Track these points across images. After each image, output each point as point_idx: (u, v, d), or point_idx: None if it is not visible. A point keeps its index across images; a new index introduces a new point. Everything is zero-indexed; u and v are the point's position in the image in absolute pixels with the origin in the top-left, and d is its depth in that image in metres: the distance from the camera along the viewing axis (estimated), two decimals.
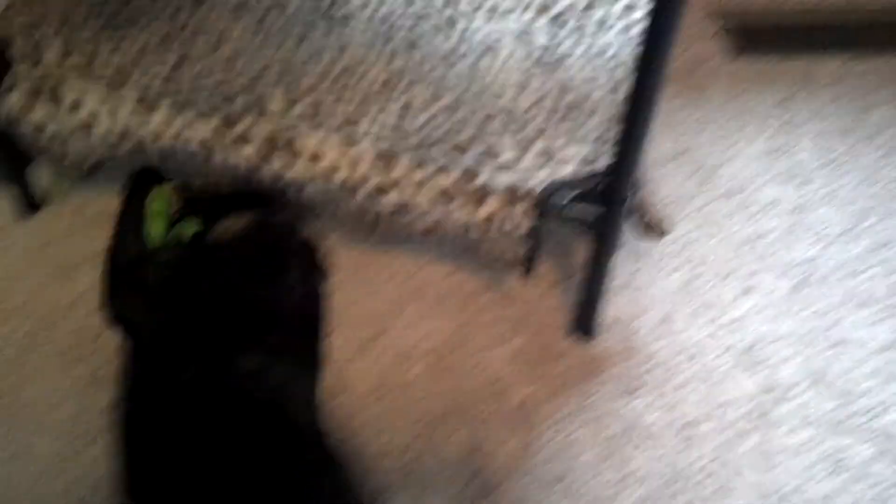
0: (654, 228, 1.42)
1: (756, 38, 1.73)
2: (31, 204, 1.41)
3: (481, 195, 1.12)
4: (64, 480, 1.15)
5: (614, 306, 1.34)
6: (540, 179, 1.12)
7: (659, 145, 1.55)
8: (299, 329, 1.16)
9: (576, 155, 1.15)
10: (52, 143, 1.21)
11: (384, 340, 1.28)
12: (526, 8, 1.34)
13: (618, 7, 1.33)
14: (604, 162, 1.12)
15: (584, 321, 1.30)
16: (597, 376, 1.27)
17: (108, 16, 1.29)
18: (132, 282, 1.11)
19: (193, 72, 1.23)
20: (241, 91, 1.20)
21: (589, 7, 1.33)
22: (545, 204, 1.11)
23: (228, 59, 1.25)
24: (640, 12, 1.31)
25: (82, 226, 1.39)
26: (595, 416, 1.22)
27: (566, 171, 1.13)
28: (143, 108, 1.16)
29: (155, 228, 1.12)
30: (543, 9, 1.34)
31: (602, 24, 1.31)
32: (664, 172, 1.51)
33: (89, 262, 1.34)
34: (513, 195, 1.11)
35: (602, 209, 1.11)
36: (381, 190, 1.13)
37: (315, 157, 1.14)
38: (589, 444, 1.20)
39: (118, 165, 1.43)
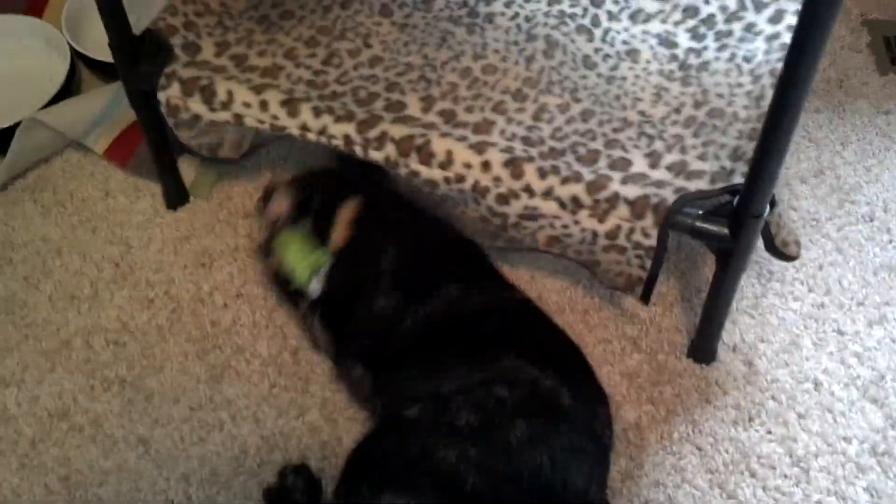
0: (786, 249, 1.38)
1: None
2: (178, 197, 1.48)
3: (609, 206, 1.11)
4: (180, 472, 1.21)
5: (738, 329, 1.31)
6: (671, 192, 1.10)
7: (797, 162, 1.50)
8: None
9: (710, 168, 1.12)
10: (203, 135, 1.27)
11: None
12: (672, 10, 1.32)
13: (766, 14, 1.28)
14: (738, 177, 1.10)
15: (705, 343, 1.28)
16: (714, 401, 1.25)
17: (262, 14, 1.34)
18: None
19: (338, 73, 1.27)
20: (381, 93, 1.23)
21: (736, 13, 1.30)
22: (674, 218, 1.09)
23: (372, 59, 1.28)
24: (790, 20, 1.26)
25: (222, 220, 1.46)
26: (709, 442, 1.21)
27: (699, 184, 1.11)
28: (287, 110, 1.20)
29: (298, 269, 1.23)
30: (690, 12, 1.31)
31: (749, 31, 1.28)
32: (801, 191, 1.47)
33: (227, 255, 1.41)
34: (642, 207, 1.10)
35: (733, 226, 1.08)
36: (510, 194, 1.14)
37: (448, 160, 1.15)
38: (700, 471, 1.18)
39: (259, 163, 1.50)
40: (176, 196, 1.48)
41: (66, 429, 1.25)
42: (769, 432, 1.22)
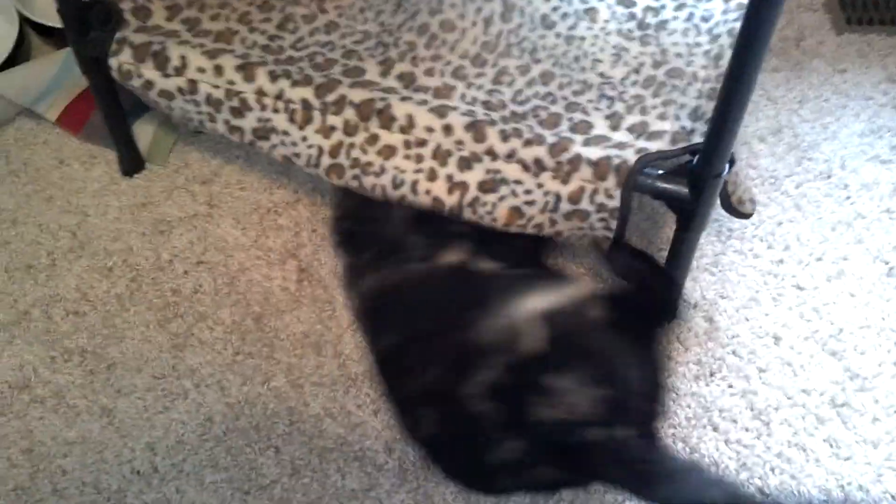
0: (742, 207, 1.40)
1: (865, 10, 1.66)
2: (133, 165, 1.46)
3: (571, 168, 1.11)
4: (144, 441, 1.20)
5: (699, 286, 1.33)
6: (632, 153, 1.10)
7: (755, 121, 1.52)
8: None
9: (670, 128, 1.13)
10: (159, 100, 1.24)
11: None
12: None
13: None
14: (698, 137, 1.10)
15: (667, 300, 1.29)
16: (676, 357, 1.26)
17: None
18: None
19: (294, 38, 1.25)
20: (339, 59, 1.22)
21: None
22: (636, 179, 1.09)
23: (328, 25, 1.27)
24: None
25: (180, 187, 1.44)
26: (671, 397, 1.22)
27: (660, 144, 1.11)
28: (243, 74, 1.19)
29: None
30: None
31: None
32: (759, 149, 1.48)
33: (186, 223, 1.40)
34: (604, 169, 1.10)
35: (694, 186, 1.09)
36: (473, 157, 1.14)
37: (410, 124, 1.14)
38: (662, 425, 1.20)
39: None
40: (131, 163, 1.45)
41: (28, 401, 1.24)
42: (730, 386, 1.24)
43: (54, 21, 1.52)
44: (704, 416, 1.21)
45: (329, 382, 1.24)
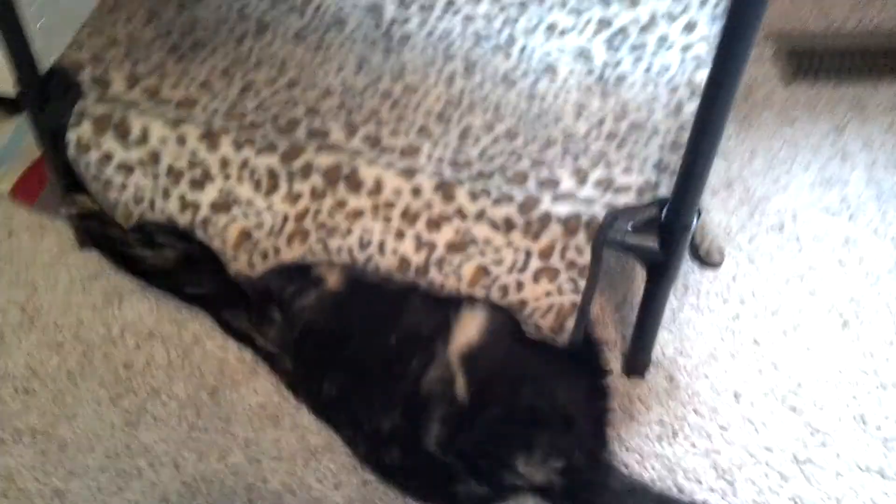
0: (709, 258, 1.41)
1: (811, 63, 1.69)
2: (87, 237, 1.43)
3: (541, 226, 1.11)
4: None
5: (658, 344, 1.32)
6: (601, 207, 1.11)
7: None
8: None
9: (636, 182, 1.13)
10: (114, 177, 1.22)
11: None
12: (585, 25, 1.32)
13: (677, 25, 1.30)
14: (664, 189, 1.11)
15: (639, 355, 1.29)
16: (638, 417, 1.26)
17: (172, 45, 1.30)
18: None
19: (256, 101, 1.24)
20: (302, 119, 1.21)
21: (648, 25, 1.31)
22: (606, 233, 1.09)
23: (290, 84, 1.26)
24: (701, 31, 1.29)
25: None
26: (636, 459, 1.22)
27: (626, 198, 1.12)
28: (207, 144, 1.17)
29: None
30: (602, 26, 1.32)
31: (662, 43, 1.29)
32: (712, 203, 1.49)
33: (137, 293, 1.37)
34: (574, 224, 1.10)
35: (663, 238, 1.09)
36: (442, 218, 1.13)
37: (378, 188, 1.14)
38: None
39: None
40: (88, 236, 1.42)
41: None
42: (693, 446, 1.24)
43: (5, 89, 1.50)
44: (669, 477, 1.21)
45: (288, 456, 1.22)
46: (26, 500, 1.19)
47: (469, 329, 1.16)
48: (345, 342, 1.20)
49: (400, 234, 1.14)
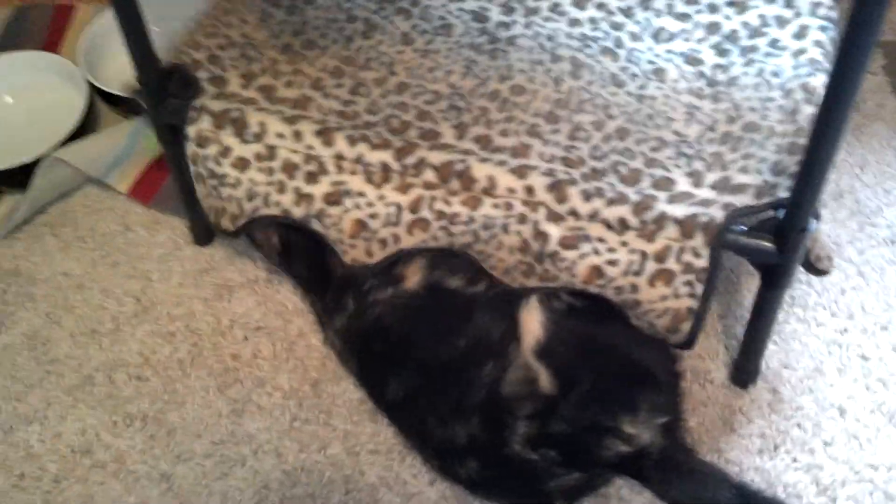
0: (819, 264, 1.37)
1: None
2: (206, 235, 1.48)
3: (657, 227, 1.10)
4: None
5: (763, 355, 1.30)
6: (718, 209, 1.09)
7: None
8: None
9: (753, 182, 1.11)
10: (229, 171, 1.26)
11: None
12: (693, 29, 1.31)
13: (788, 30, 1.28)
14: (782, 191, 1.09)
15: (749, 363, 1.27)
16: (739, 429, 1.24)
17: (284, 45, 1.34)
18: None
19: (368, 101, 1.26)
20: (413, 122, 1.23)
21: (758, 30, 1.30)
22: (725, 235, 1.08)
23: (399, 86, 1.28)
24: (814, 36, 1.26)
25: (241, 252, 1.46)
26: (735, 471, 1.20)
27: (744, 198, 1.10)
28: (322, 139, 1.21)
29: None
30: (711, 30, 1.31)
31: (773, 47, 1.27)
32: (822, 214, 1.45)
33: (246, 287, 1.42)
34: (691, 226, 1.08)
35: (779, 241, 1.07)
36: (555, 217, 1.13)
37: (492, 185, 1.15)
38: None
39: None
40: (204, 233, 1.48)
41: (90, 465, 1.25)
42: (795, 460, 1.21)
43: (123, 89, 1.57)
44: (768, 491, 1.18)
45: (385, 451, 1.24)
46: (135, 482, 1.23)
47: (531, 325, 1.18)
48: (413, 344, 1.22)
49: (523, 219, 1.15)
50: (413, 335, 1.22)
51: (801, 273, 1.38)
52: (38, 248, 1.49)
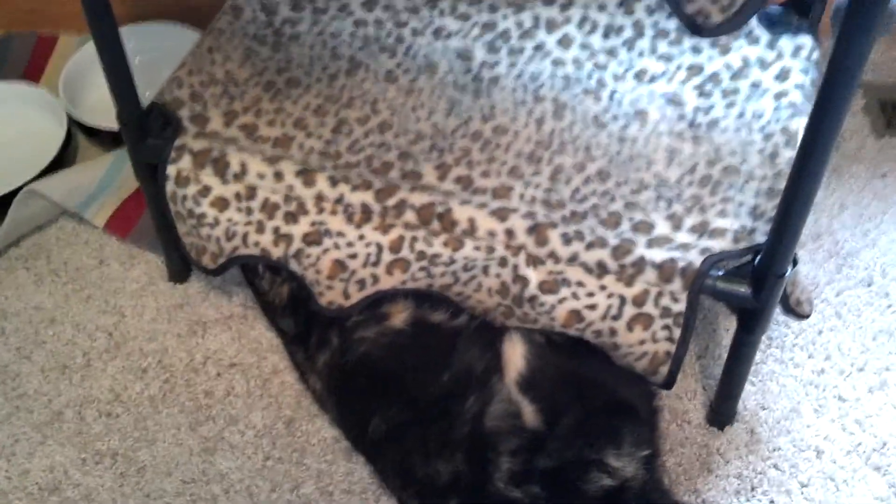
0: (799, 308, 1.37)
1: None
2: (182, 271, 1.47)
3: (635, 271, 1.10)
4: None
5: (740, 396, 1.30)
6: (697, 253, 1.09)
7: None
8: None
9: (731, 226, 1.12)
10: (208, 210, 1.26)
11: None
12: (675, 71, 1.32)
13: (770, 72, 1.29)
14: (760, 236, 1.10)
15: (725, 406, 1.27)
16: (716, 470, 1.23)
17: (267, 82, 1.34)
18: None
19: (349, 140, 1.26)
20: (395, 162, 1.23)
21: (740, 72, 1.30)
22: (703, 280, 1.08)
23: (382, 127, 1.28)
24: (795, 79, 1.27)
25: (216, 288, 1.45)
26: None
27: (722, 243, 1.11)
28: (303, 179, 1.20)
29: None
30: (693, 72, 1.31)
31: (755, 90, 1.27)
32: (799, 255, 1.46)
33: (221, 324, 1.40)
34: (669, 271, 1.09)
35: (756, 286, 1.07)
36: (534, 260, 1.13)
37: (472, 228, 1.15)
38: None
39: None
40: (180, 270, 1.46)
41: (57, 503, 1.23)
42: (772, 502, 1.21)
43: (102, 122, 1.56)
44: None
45: (359, 490, 1.22)
46: None
47: (514, 358, 1.18)
48: (399, 378, 1.21)
49: (503, 262, 1.15)
50: (399, 370, 1.21)
51: (778, 313, 1.38)
52: (10, 281, 1.48)
